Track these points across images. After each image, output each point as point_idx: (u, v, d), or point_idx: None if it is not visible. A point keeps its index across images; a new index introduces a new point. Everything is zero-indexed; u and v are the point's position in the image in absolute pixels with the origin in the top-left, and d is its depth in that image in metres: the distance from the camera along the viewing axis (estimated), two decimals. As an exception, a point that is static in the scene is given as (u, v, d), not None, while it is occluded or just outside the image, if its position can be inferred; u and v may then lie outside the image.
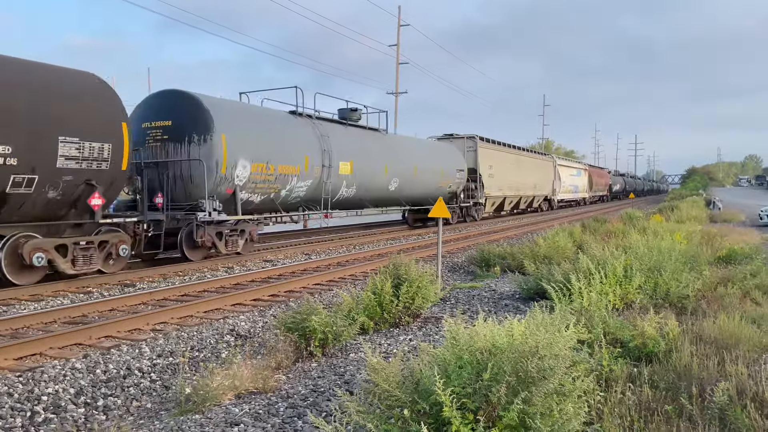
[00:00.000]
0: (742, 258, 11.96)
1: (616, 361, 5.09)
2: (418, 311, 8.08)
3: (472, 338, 3.77)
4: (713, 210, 32.95)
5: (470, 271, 13.61)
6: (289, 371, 6.09)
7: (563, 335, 3.66)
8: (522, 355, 3.41)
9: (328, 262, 14.18)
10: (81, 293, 10.20)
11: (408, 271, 8.02)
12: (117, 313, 8.71)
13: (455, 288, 10.87)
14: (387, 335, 7.46)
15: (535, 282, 9.07)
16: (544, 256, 11.46)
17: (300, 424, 4.48)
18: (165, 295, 9.90)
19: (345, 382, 5.56)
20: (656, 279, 8.22)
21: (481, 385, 3.35)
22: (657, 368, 5.02)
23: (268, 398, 5.19)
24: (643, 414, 4.04)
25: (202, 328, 7.97)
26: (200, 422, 4.64)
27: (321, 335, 6.43)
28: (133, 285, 11.08)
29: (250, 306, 9.47)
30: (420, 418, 3.33)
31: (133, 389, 5.89)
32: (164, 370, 6.45)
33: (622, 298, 7.76)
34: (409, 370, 3.86)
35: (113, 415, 5.34)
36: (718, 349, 5.41)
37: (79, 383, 5.86)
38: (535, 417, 3.12)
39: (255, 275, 11.96)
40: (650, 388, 4.47)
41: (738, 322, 6.14)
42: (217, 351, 7.12)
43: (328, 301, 9.71)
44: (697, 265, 9.72)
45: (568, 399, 3.39)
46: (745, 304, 7.79)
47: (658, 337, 5.55)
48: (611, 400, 4.19)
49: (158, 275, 12.04)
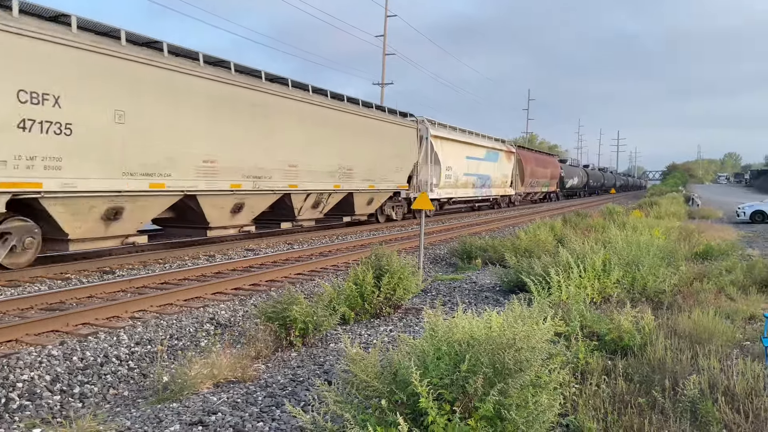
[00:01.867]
0: (719, 254, 12.17)
1: (593, 354, 5.16)
2: (399, 302, 8.11)
3: (451, 330, 3.80)
4: (692, 206, 33.42)
5: (452, 263, 13.68)
6: (268, 360, 6.09)
7: (540, 328, 3.70)
8: (499, 347, 3.44)
9: (311, 252, 14.16)
10: (59, 279, 10.07)
11: (390, 262, 8.04)
12: (95, 300, 8.62)
13: (437, 279, 10.92)
14: (367, 326, 7.48)
15: (515, 275, 9.15)
16: (524, 250, 11.55)
17: (278, 413, 4.49)
18: (144, 283, 9.81)
19: (324, 371, 5.57)
20: (634, 273, 8.33)
21: (459, 377, 3.38)
22: (632, 361, 5.11)
23: (247, 387, 5.18)
24: (616, 406, 4.11)
25: (182, 316, 7.93)
26: (178, 410, 4.62)
27: (301, 325, 6.43)
28: (112, 272, 10.96)
29: (231, 295, 9.43)
30: (397, 409, 3.35)
31: (111, 377, 5.85)
32: (142, 358, 6.41)
33: (600, 291, 7.86)
34: (388, 360, 3.88)
35: (90, 402, 5.30)
36: (692, 344, 5.51)
37: (56, 370, 5.80)
38: (511, 408, 3.16)
39: (236, 264, 11.90)
40: (625, 381, 4.54)
41: (712, 317, 6.26)
42: (197, 339, 7.09)
43: (309, 291, 9.71)
44: (674, 261, 9.87)
45: (544, 391, 3.43)
46: (720, 300, 7.94)
47: (633, 330, 5.64)
48: (586, 392, 4.26)
49: (138, 262, 11.93)
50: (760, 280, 9.16)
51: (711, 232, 17.15)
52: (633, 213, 19.52)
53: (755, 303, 7.87)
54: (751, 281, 9.05)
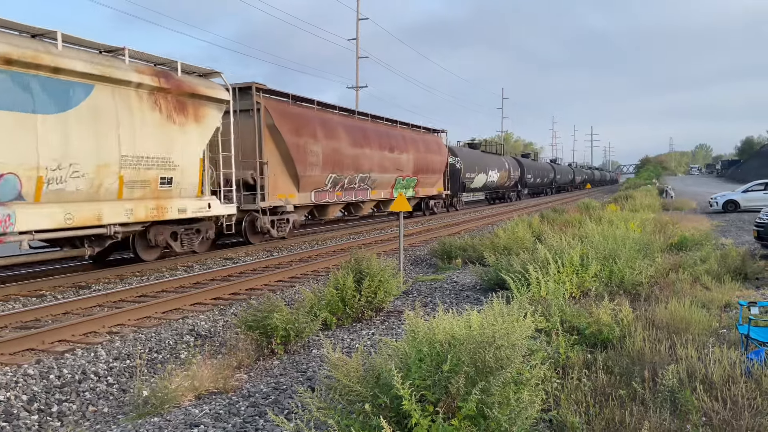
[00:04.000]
0: (693, 244, 12.39)
1: (573, 348, 5.21)
2: (381, 305, 8.11)
3: (432, 331, 3.81)
4: (666, 198, 33.98)
5: (432, 264, 13.71)
6: (250, 370, 6.04)
7: (520, 324, 3.72)
8: (480, 346, 3.45)
9: (290, 259, 14.08)
10: (33, 297, 9.87)
11: (370, 265, 8.03)
12: (71, 317, 8.46)
13: (417, 281, 10.93)
14: (350, 330, 7.46)
15: (494, 273, 9.20)
16: (503, 247, 11.63)
17: (261, 423, 4.45)
18: (122, 297, 9.67)
19: (308, 378, 5.54)
20: (611, 267, 8.43)
21: (441, 377, 3.38)
22: (612, 354, 5.17)
23: (229, 398, 5.12)
24: (598, 399, 4.15)
25: (161, 328, 7.82)
26: (159, 425, 4.55)
27: (283, 332, 6.39)
28: (88, 287, 10.78)
29: (211, 305, 9.34)
30: (381, 412, 3.34)
31: (89, 394, 5.75)
32: (121, 373, 6.30)
33: (578, 286, 7.94)
34: (371, 364, 3.87)
35: (68, 420, 5.19)
36: (669, 334, 5.59)
37: (32, 389, 5.68)
38: (493, 406, 3.17)
39: (215, 273, 11.79)
40: (605, 374, 4.59)
41: (688, 307, 6.36)
42: (177, 352, 7.00)
43: (290, 297, 9.65)
44: (650, 253, 10.01)
45: (526, 387, 3.45)
46: (696, 289, 8.08)
47: (612, 323, 5.70)
48: (568, 386, 4.29)
49: (115, 276, 11.75)
50: (734, 269, 9.35)
51: (685, 222, 17.45)
52: (609, 207, 19.78)
53: (730, 291, 8.02)
54: (726, 270, 9.22)
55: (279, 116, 16.75)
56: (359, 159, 21.10)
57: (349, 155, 20.40)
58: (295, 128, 17.38)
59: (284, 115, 17.11)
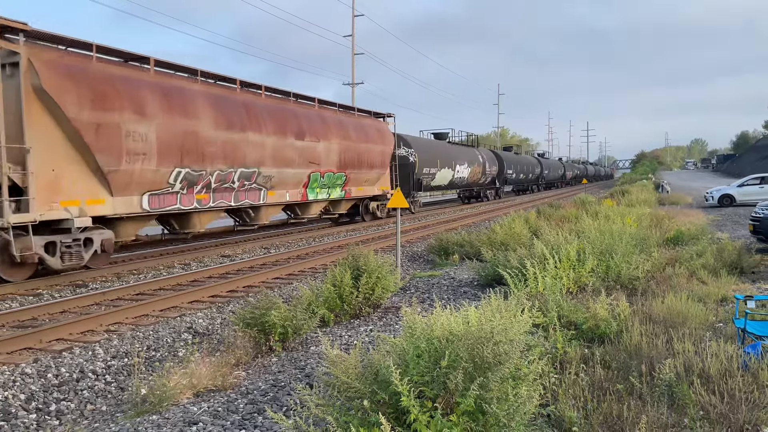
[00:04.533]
0: (689, 239, 12.43)
1: (570, 343, 5.23)
2: (379, 301, 8.11)
3: (430, 327, 3.81)
4: (662, 193, 34.05)
5: (429, 260, 13.73)
6: (248, 367, 6.04)
7: (518, 320, 3.73)
8: (478, 342, 3.46)
9: (288, 256, 14.08)
10: (30, 296, 9.85)
11: (367, 262, 8.03)
12: (69, 315, 8.45)
13: (415, 277, 10.95)
14: (348, 327, 7.46)
15: (492, 269, 9.22)
16: (500, 243, 11.64)
17: (260, 420, 4.45)
18: (119, 295, 9.65)
19: (306, 375, 5.54)
20: (608, 262, 8.46)
21: (439, 373, 3.39)
22: (609, 348, 5.18)
23: (228, 395, 5.13)
24: (596, 394, 4.17)
25: (159, 327, 7.82)
26: (157, 423, 4.56)
27: (281, 329, 6.39)
28: (85, 285, 10.76)
29: (208, 303, 9.33)
30: (380, 408, 3.34)
31: (87, 392, 5.74)
32: (119, 371, 6.30)
33: (575, 281, 7.96)
34: (369, 361, 3.87)
35: (67, 419, 5.19)
36: (666, 328, 5.61)
37: (30, 388, 5.68)
38: (492, 402, 3.18)
39: (212, 271, 11.78)
40: (603, 369, 4.61)
41: (685, 301, 6.39)
42: (174, 350, 7.00)
43: (287, 294, 9.65)
44: (646, 247, 10.04)
45: (524, 383, 3.46)
46: (692, 284, 8.11)
47: (610, 318, 5.72)
48: (565, 381, 4.30)
49: (112, 274, 11.73)
50: (730, 263, 9.38)
51: (681, 217, 17.50)
52: (605, 202, 19.82)
53: (726, 285, 8.05)
54: (722, 264, 9.26)
55: (57, 76, 10.51)
56: (239, 147, 14.88)
57: (218, 141, 14.16)
58: (96, 97, 11.09)
59: (69, 76, 10.76)
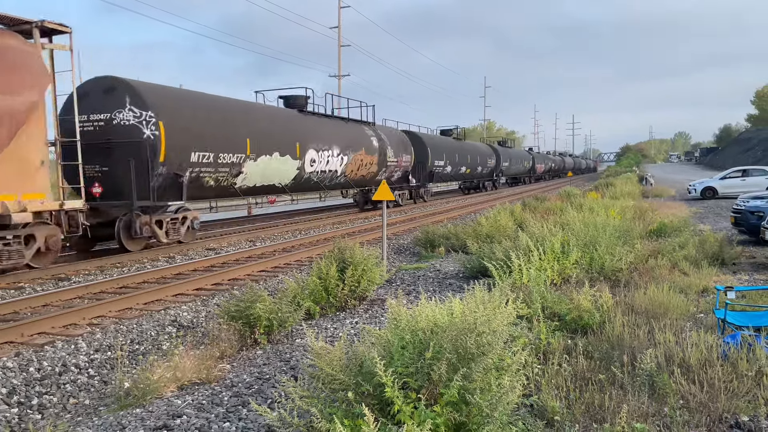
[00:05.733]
0: (672, 231, 12.57)
1: (554, 334, 5.27)
2: (364, 294, 8.12)
3: (415, 318, 3.82)
4: (646, 186, 34.36)
5: (416, 253, 13.75)
6: (233, 360, 6.02)
7: (501, 311, 3.75)
8: (461, 333, 3.48)
9: (273, 249, 14.03)
10: (12, 289, 9.73)
11: (353, 254, 8.03)
12: (51, 309, 8.36)
13: (401, 269, 10.96)
14: (333, 319, 7.46)
15: (477, 261, 9.25)
16: (486, 235, 11.69)
17: (245, 413, 4.44)
18: (102, 288, 9.56)
19: (291, 368, 5.54)
20: (592, 254, 8.53)
21: (423, 364, 3.41)
22: (592, 339, 5.24)
23: (212, 388, 5.11)
24: (578, 384, 4.21)
25: (142, 320, 7.76)
26: (141, 416, 4.53)
27: (266, 322, 6.38)
28: (68, 279, 10.65)
29: (193, 296, 9.28)
30: (364, 400, 3.35)
31: (70, 386, 5.69)
32: (102, 365, 6.25)
33: (559, 273, 8.02)
34: (354, 352, 3.88)
35: (49, 413, 5.15)
36: (648, 319, 5.68)
37: (12, 382, 5.62)
38: (475, 392, 3.20)
39: (197, 264, 11.70)
40: (585, 359, 4.66)
41: (667, 292, 6.47)
42: (159, 343, 6.96)
43: (273, 287, 9.62)
44: (629, 239, 10.14)
45: (507, 373, 3.48)
46: (674, 275, 8.20)
47: (593, 309, 5.77)
48: (549, 372, 4.34)
49: (95, 268, 11.61)
50: (712, 254, 9.51)
51: (664, 209, 17.69)
52: (589, 195, 19.97)
53: (707, 276, 8.16)
54: (703, 255, 9.37)
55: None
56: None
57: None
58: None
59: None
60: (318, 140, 19.86)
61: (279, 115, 18.70)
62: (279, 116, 18.54)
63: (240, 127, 15.77)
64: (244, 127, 15.96)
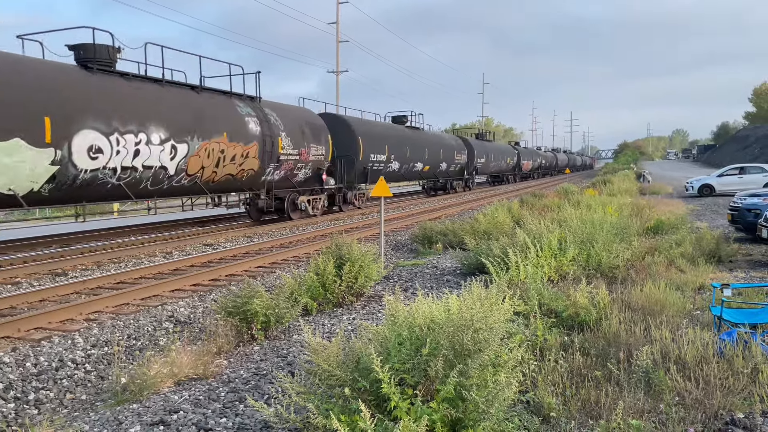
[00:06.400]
0: (669, 228, 12.59)
1: (551, 330, 5.28)
2: (362, 290, 8.12)
3: (412, 315, 3.83)
4: (643, 183, 34.41)
5: (413, 249, 13.75)
6: (230, 356, 6.02)
7: (498, 308, 3.75)
8: (458, 329, 3.48)
9: (271, 244, 14.02)
10: (8, 284, 9.72)
11: (350, 250, 8.03)
12: (48, 304, 8.35)
13: (398, 266, 10.97)
14: (330, 315, 7.47)
15: (475, 257, 9.26)
16: (483, 232, 11.70)
17: (242, 408, 4.45)
18: (99, 284, 9.55)
19: (288, 363, 5.54)
20: (589, 250, 8.54)
21: (420, 361, 3.41)
22: (588, 336, 5.25)
23: (209, 384, 5.11)
24: (574, 380, 4.22)
25: (139, 315, 7.76)
26: (138, 411, 4.53)
27: (263, 318, 6.38)
28: (65, 274, 10.64)
29: (190, 291, 9.27)
30: (360, 396, 3.36)
31: (67, 381, 5.69)
32: (99, 360, 6.25)
33: (556, 270, 8.03)
34: (351, 348, 3.88)
35: (46, 408, 5.14)
36: (644, 316, 5.69)
37: (8, 377, 5.61)
38: (471, 389, 3.21)
39: (194, 260, 11.69)
40: (582, 356, 4.66)
41: (663, 289, 6.48)
42: (156, 338, 6.96)
43: (270, 283, 9.62)
44: (627, 236, 10.15)
45: (503, 370, 3.49)
46: (671, 272, 8.22)
47: (589, 306, 5.78)
48: (545, 368, 4.35)
49: (92, 263, 11.60)
50: (708, 252, 9.53)
51: (661, 206, 17.70)
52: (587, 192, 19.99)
53: (704, 273, 8.17)
54: (700, 253, 9.39)
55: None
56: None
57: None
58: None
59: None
60: (113, 116, 12.13)
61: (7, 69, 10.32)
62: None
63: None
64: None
